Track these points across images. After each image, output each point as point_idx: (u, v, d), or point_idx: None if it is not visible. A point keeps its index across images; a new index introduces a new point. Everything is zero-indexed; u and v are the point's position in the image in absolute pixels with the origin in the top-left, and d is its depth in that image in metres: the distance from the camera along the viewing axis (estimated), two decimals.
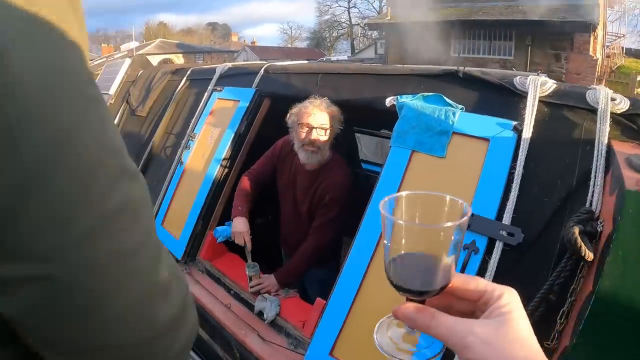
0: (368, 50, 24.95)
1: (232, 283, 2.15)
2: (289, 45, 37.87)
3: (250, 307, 2.02)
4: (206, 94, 2.84)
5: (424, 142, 1.58)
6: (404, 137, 1.64)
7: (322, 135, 1.98)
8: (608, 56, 11.89)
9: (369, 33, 29.57)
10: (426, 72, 1.79)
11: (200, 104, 2.84)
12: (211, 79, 2.91)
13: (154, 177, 3.11)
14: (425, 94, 1.67)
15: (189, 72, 3.36)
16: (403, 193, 0.41)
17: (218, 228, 2.15)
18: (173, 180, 2.73)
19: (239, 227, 2.06)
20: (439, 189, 0.95)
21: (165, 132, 3.36)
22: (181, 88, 3.31)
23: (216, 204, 2.39)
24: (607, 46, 11.78)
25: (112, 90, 5.13)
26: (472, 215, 1.34)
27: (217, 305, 2.09)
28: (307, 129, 1.96)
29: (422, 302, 0.40)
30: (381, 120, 2.55)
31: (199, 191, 2.44)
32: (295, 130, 2.05)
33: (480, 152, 1.47)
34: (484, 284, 0.40)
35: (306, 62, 3.07)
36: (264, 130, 2.43)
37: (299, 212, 2.19)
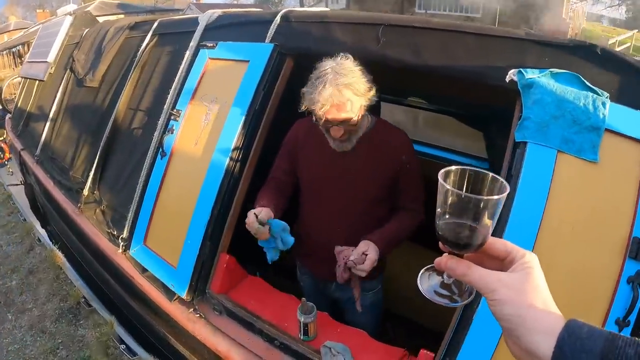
0: (318, 6, 22.95)
1: (274, 330, 1.37)
2: (235, 2, 34.25)
3: None
4: (188, 52, 1.89)
5: (572, 139, 1.11)
6: (545, 132, 1.12)
7: (347, 126, 1.29)
8: (570, 18, 11.41)
9: None
10: (550, 41, 1.22)
11: (181, 68, 1.88)
12: (192, 31, 1.93)
13: (121, 171, 2.17)
14: (555, 70, 1.16)
15: (155, 26, 2.33)
16: (453, 167, 0.46)
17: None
18: (153, 178, 1.82)
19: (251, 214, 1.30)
20: (592, 204, 1.04)
21: (129, 108, 2.37)
22: (147, 47, 2.28)
23: (227, 214, 1.54)
24: (571, 8, 11.26)
25: (51, 56, 3.85)
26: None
27: None
28: (326, 124, 1.29)
29: (461, 256, 0.47)
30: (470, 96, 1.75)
31: (199, 197, 1.57)
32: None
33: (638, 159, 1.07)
34: (511, 246, 0.46)
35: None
36: (288, 102, 1.55)
37: (356, 200, 1.43)
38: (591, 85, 1.12)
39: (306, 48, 1.52)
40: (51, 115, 3.25)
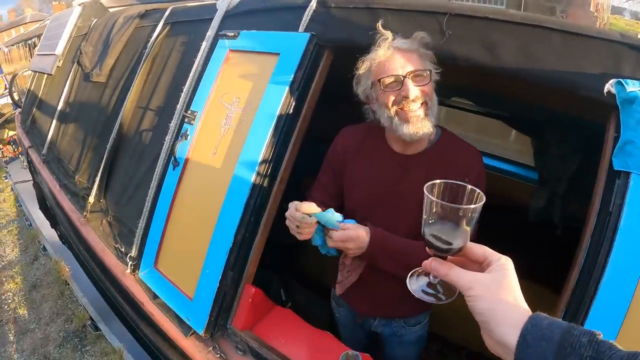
0: None
1: None
2: None
3: None
4: (204, 43, 1.60)
5: None
6: None
7: (422, 84, 1.01)
8: (596, 10, 10.64)
9: None
10: None
11: (197, 61, 1.60)
12: (209, 19, 1.64)
13: (128, 179, 1.91)
14: None
15: (167, 13, 2.04)
16: (437, 181, 0.51)
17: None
18: (164, 191, 1.55)
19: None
20: None
21: (137, 107, 2.10)
22: (158, 37, 2.00)
23: (253, 240, 1.26)
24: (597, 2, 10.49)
25: (59, 49, 3.57)
26: None
27: None
28: (396, 83, 1.00)
29: (444, 259, 0.52)
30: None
31: (219, 218, 1.30)
32: (376, 98, 1.06)
33: None
34: (489, 251, 0.50)
35: None
36: (326, 106, 1.26)
37: (415, 226, 1.12)
38: None
39: (350, 39, 1.21)
40: (58, 112, 3.01)
